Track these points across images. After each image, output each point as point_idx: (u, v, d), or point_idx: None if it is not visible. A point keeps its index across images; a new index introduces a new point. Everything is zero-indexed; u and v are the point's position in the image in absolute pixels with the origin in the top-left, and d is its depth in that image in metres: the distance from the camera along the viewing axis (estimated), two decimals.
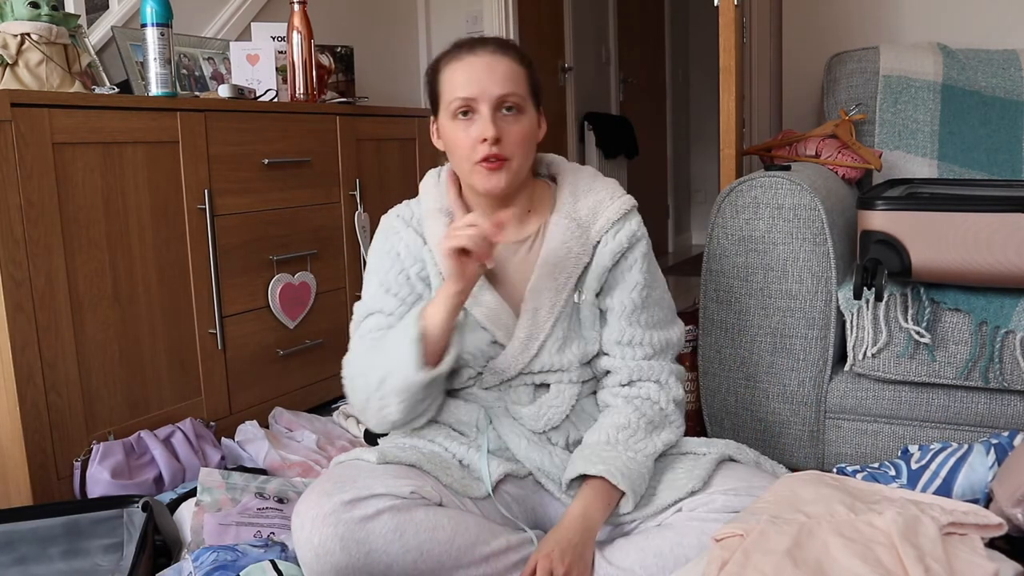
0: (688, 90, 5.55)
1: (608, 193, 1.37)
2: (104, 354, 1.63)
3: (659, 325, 1.37)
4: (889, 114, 2.12)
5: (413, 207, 1.40)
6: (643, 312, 1.34)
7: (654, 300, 1.37)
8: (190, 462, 1.65)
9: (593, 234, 1.34)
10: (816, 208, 1.61)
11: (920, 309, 1.57)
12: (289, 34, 2.17)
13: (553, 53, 3.82)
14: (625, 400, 1.33)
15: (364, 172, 2.28)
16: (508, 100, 1.27)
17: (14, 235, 1.46)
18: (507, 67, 1.28)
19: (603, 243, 1.33)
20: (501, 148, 1.27)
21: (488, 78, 1.26)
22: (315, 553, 1.11)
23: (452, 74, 1.29)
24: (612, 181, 1.41)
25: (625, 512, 1.25)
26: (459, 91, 1.27)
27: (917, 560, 0.97)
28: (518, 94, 1.28)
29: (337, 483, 1.16)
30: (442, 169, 1.43)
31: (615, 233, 1.33)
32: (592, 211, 1.35)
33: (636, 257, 1.34)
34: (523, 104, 1.29)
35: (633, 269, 1.34)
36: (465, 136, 1.28)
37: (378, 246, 1.39)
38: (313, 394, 2.14)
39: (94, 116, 1.59)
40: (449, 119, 1.29)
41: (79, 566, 1.35)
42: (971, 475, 1.37)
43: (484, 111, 1.26)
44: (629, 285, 1.34)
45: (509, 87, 1.27)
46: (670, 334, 1.38)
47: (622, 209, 1.35)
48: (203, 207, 1.81)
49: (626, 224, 1.34)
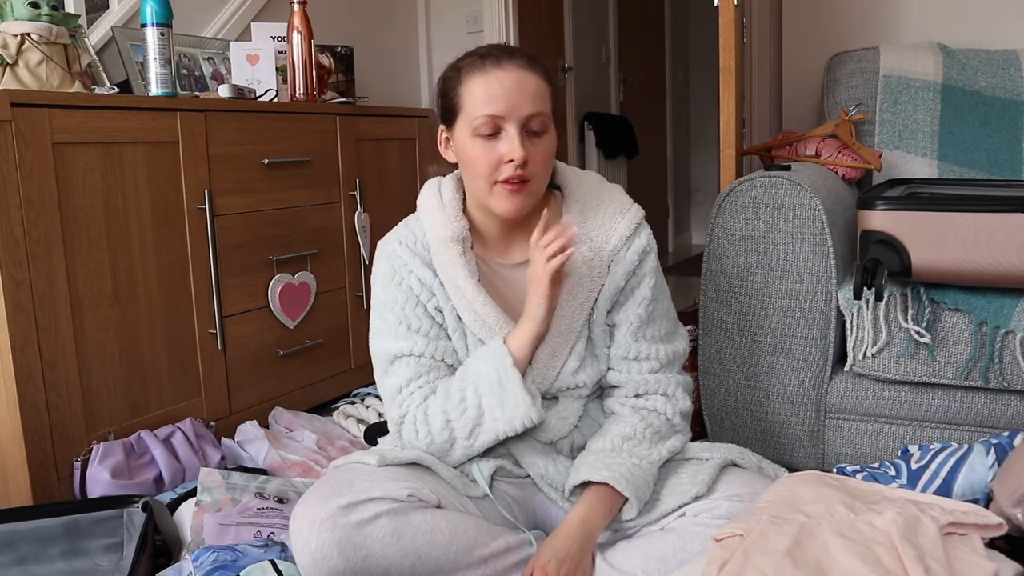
0: (688, 90, 5.55)
1: (617, 206, 1.33)
2: (104, 354, 1.63)
3: (666, 338, 1.34)
4: (889, 114, 2.12)
5: (415, 230, 1.33)
6: (649, 326, 1.32)
7: (660, 313, 1.34)
8: (190, 462, 1.65)
9: (607, 255, 1.30)
10: (816, 208, 1.61)
11: (920, 309, 1.57)
12: (289, 34, 2.17)
13: (553, 53, 3.82)
14: (632, 410, 1.31)
15: (364, 172, 2.28)
16: (536, 120, 1.22)
17: (14, 235, 1.46)
18: (536, 85, 1.22)
19: (615, 262, 1.30)
20: (526, 170, 1.21)
21: (518, 96, 1.20)
22: (312, 558, 1.10)
23: (476, 87, 1.22)
24: (617, 189, 1.37)
25: (628, 519, 1.24)
26: (486, 107, 1.20)
27: (917, 560, 0.97)
28: (546, 113, 1.23)
29: (334, 487, 1.15)
30: (441, 183, 1.35)
31: (626, 251, 1.30)
32: (603, 230, 1.31)
33: (645, 272, 1.32)
34: (549, 124, 1.24)
35: (642, 284, 1.31)
36: (487, 154, 1.21)
37: (384, 276, 1.31)
38: (313, 394, 2.14)
39: (94, 116, 1.59)
40: (469, 135, 1.23)
41: (79, 566, 1.35)
42: (971, 475, 1.37)
43: (511, 131, 1.20)
44: (637, 300, 1.31)
45: (538, 106, 1.21)
46: (676, 346, 1.35)
47: (632, 224, 1.31)
48: (203, 207, 1.81)
49: (636, 240, 1.31)
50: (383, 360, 1.31)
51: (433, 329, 1.29)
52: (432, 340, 1.29)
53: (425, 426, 1.25)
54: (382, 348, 1.31)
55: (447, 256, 1.28)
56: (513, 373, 1.21)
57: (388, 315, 1.30)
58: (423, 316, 1.29)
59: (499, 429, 1.23)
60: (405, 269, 1.30)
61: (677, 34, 5.27)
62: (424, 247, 1.31)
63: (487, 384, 1.22)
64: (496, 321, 1.27)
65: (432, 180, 1.37)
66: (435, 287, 1.29)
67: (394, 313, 1.30)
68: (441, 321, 1.30)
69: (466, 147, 1.24)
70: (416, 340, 1.28)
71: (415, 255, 1.30)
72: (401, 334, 1.29)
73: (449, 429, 1.24)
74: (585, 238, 1.30)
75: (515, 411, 1.21)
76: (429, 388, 1.27)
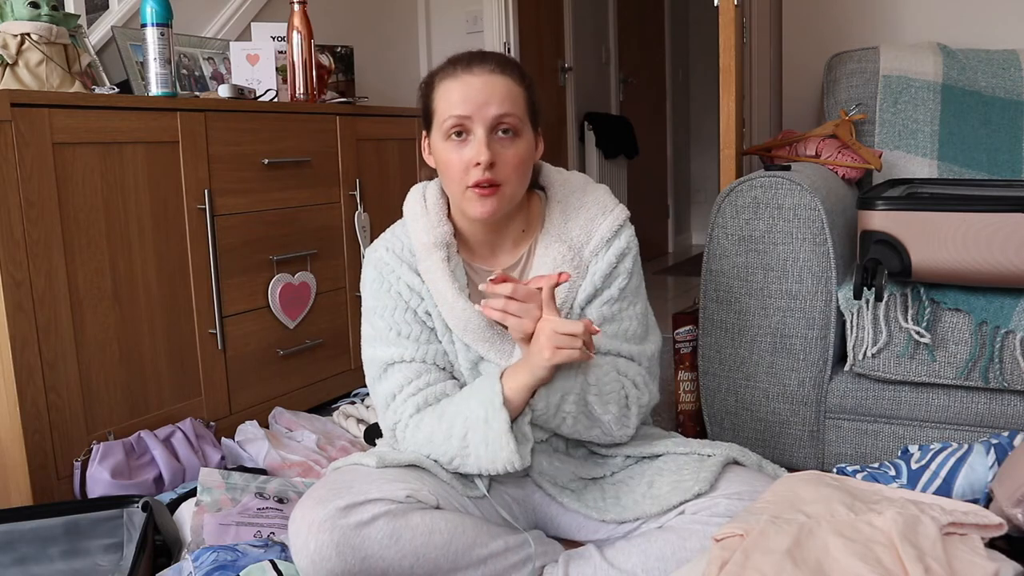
0: (688, 90, 5.55)
1: (600, 208, 1.32)
2: (104, 354, 1.63)
3: (632, 339, 1.32)
4: (889, 114, 2.12)
5: (401, 237, 1.33)
6: (612, 323, 1.31)
7: (630, 315, 1.32)
8: (190, 462, 1.65)
9: (587, 255, 1.30)
10: (816, 208, 1.61)
11: (920, 309, 1.57)
12: (289, 34, 2.17)
13: (553, 53, 3.82)
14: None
15: (364, 172, 2.28)
16: (504, 122, 1.21)
17: (14, 235, 1.46)
18: (505, 87, 1.22)
19: (595, 262, 1.30)
20: (495, 173, 1.21)
21: (485, 98, 1.20)
22: (311, 560, 1.10)
23: (447, 91, 1.23)
24: (603, 189, 1.36)
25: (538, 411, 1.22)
26: (453, 109, 1.21)
27: (917, 560, 0.97)
28: (515, 115, 1.22)
29: (332, 489, 1.15)
30: (426, 188, 1.35)
31: (606, 251, 1.30)
32: (584, 231, 1.31)
33: (619, 272, 1.31)
34: (520, 126, 1.23)
35: (612, 285, 1.31)
36: (458, 158, 1.22)
37: (373, 283, 1.32)
38: (313, 394, 2.14)
39: (94, 116, 1.59)
40: (442, 138, 1.24)
41: (79, 566, 1.35)
42: (971, 475, 1.37)
43: (479, 133, 1.20)
44: (604, 298, 1.31)
45: (506, 107, 1.21)
46: (643, 347, 1.33)
47: (614, 225, 1.31)
48: (203, 207, 1.81)
49: (616, 241, 1.31)
50: (375, 367, 1.31)
51: (424, 334, 1.29)
52: (423, 344, 1.29)
53: (415, 441, 1.26)
54: (374, 355, 1.31)
55: (430, 262, 1.28)
56: (501, 414, 1.18)
57: (378, 322, 1.31)
58: (413, 321, 1.29)
59: (482, 467, 1.22)
60: (393, 276, 1.30)
61: (677, 34, 5.27)
62: (410, 252, 1.31)
63: (474, 420, 1.21)
64: (478, 327, 1.27)
65: (418, 185, 1.37)
66: (423, 292, 1.29)
67: (384, 320, 1.30)
68: (432, 325, 1.30)
69: (439, 151, 1.25)
70: (407, 346, 1.29)
71: (402, 261, 1.31)
72: (392, 340, 1.29)
73: (435, 452, 1.25)
74: (565, 238, 1.30)
75: (497, 453, 1.20)
76: (422, 397, 1.27)
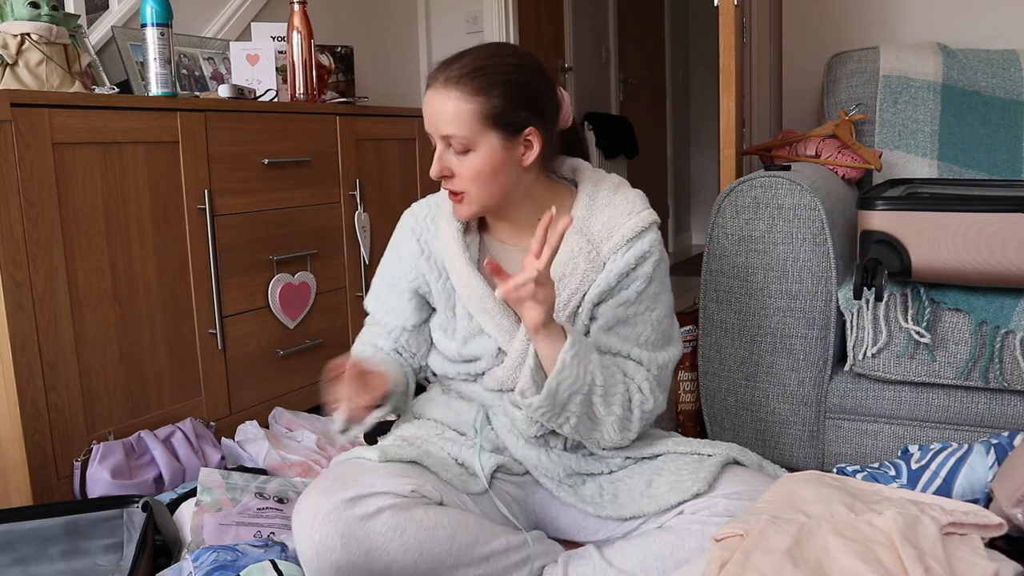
0: (688, 90, 5.55)
1: (626, 208, 1.31)
2: (104, 354, 1.63)
3: (647, 345, 1.31)
4: (889, 114, 2.12)
5: (431, 204, 1.41)
6: (625, 326, 1.30)
7: (647, 320, 1.31)
8: (190, 462, 1.65)
9: (605, 252, 1.29)
10: (816, 208, 1.61)
11: (920, 309, 1.57)
12: (289, 34, 2.17)
13: (553, 53, 3.82)
14: None
15: (364, 172, 2.28)
16: (450, 141, 1.25)
17: (14, 235, 1.46)
18: (451, 105, 1.23)
19: (613, 260, 1.29)
20: (453, 184, 1.28)
21: (435, 117, 1.25)
22: (315, 551, 1.11)
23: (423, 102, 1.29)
24: (636, 194, 1.34)
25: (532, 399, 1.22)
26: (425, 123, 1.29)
27: (917, 560, 0.97)
28: (459, 136, 1.23)
29: (338, 481, 1.16)
30: None
31: (625, 252, 1.28)
32: (606, 227, 1.30)
33: (638, 275, 1.29)
34: (470, 142, 1.24)
35: (630, 287, 1.29)
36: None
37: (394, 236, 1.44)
38: (313, 394, 2.14)
39: (94, 116, 1.59)
40: None
41: (79, 566, 1.35)
42: (971, 475, 1.37)
43: (438, 147, 1.27)
44: (620, 299, 1.29)
45: (450, 128, 1.23)
46: (658, 355, 1.32)
47: (638, 227, 1.29)
48: (203, 207, 1.81)
49: (638, 243, 1.29)
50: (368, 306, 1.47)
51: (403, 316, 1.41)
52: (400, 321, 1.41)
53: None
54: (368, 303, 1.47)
55: (448, 231, 1.35)
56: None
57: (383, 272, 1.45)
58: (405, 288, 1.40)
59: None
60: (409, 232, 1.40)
61: (677, 34, 5.27)
62: (430, 219, 1.39)
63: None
64: (480, 297, 1.30)
65: None
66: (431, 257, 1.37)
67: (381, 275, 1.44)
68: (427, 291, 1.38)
69: None
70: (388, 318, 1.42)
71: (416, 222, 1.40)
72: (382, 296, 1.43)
73: None
74: (586, 231, 1.30)
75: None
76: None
